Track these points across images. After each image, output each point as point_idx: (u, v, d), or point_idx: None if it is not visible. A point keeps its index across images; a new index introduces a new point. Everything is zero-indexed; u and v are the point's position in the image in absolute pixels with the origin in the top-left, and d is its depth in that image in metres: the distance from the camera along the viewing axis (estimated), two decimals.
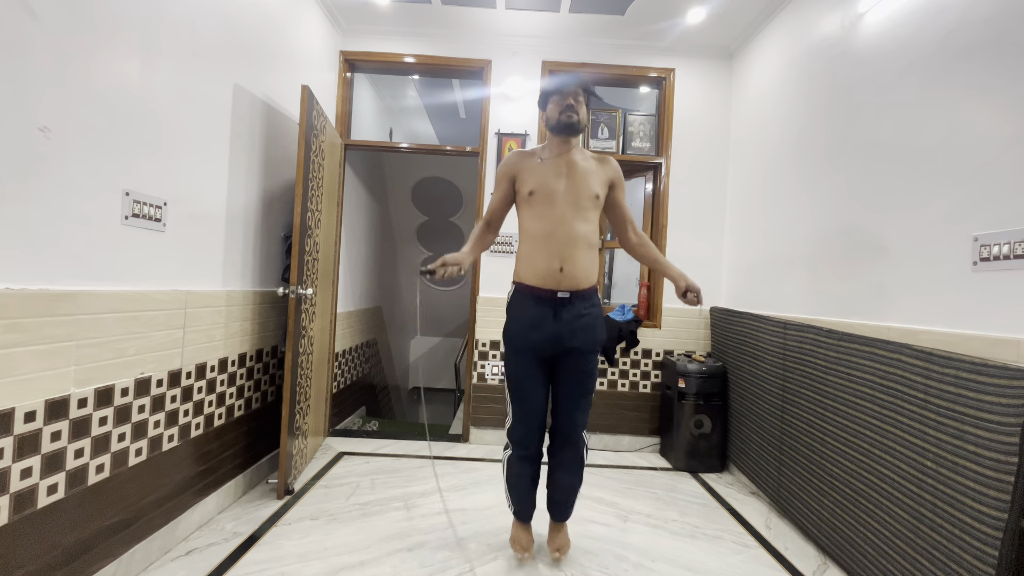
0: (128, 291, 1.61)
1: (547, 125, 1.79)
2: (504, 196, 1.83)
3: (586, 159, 1.79)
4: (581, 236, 1.71)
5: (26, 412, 1.30)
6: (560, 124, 1.73)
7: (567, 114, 1.72)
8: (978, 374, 1.35)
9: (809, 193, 2.42)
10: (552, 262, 1.70)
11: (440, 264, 1.58)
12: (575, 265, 1.71)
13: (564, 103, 1.73)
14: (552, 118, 1.75)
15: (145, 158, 1.66)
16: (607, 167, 1.82)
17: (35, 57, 1.28)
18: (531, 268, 1.74)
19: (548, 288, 1.72)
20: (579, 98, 1.74)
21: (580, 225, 1.71)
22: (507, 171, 1.81)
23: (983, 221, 1.50)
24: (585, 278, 1.73)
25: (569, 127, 1.73)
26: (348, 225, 3.85)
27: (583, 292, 1.74)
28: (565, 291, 1.71)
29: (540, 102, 1.83)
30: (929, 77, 1.75)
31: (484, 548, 1.97)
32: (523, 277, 1.77)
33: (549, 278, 1.71)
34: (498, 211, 1.85)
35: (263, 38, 2.38)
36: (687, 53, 3.35)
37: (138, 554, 1.70)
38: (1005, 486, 1.26)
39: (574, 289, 1.72)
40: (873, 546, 1.74)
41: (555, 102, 1.75)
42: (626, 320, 3.20)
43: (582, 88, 1.75)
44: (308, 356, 2.58)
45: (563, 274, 1.70)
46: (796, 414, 2.24)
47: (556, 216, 1.71)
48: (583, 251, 1.72)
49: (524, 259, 1.77)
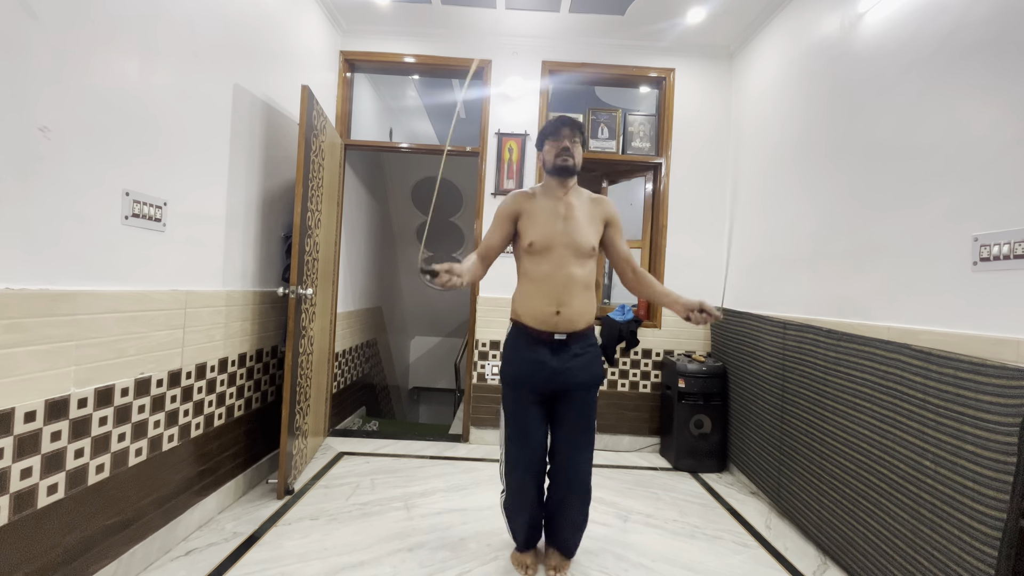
0: (128, 291, 1.61)
1: (544, 167, 1.84)
2: (504, 236, 1.83)
3: (582, 201, 1.82)
4: (578, 280, 1.74)
5: (26, 412, 1.30)
6: (556, 167, 1.78)
7: (563, 158, 1.76)
8: (977, 374, 1.36)
9: (809, 193, 2.42)
10: (548, 305, 1.72)
11: (446, 270, 1.51)
12: (571, 308, 1.73)
13: (560, 146, 1.77)
14: (549, 161, 1.80)
15: (145, 158, 1.66)
16: (602, 208, 1.84)
17: (35, 57, 1.28)
18: (528, 310, 1.76)
19: (545, 330, 1.74)
20: (574, 139, 1.78)
21: (576, 270, 1.74)
22: (509, 212, 1.81)
23: (983, 221, 1.50)
24: (581, 320, 1.76)
25: (564, 170, 1.77)
26: (348, 225, 3.85)
27: (580, 333, 1.77)
28: (562, 333, 1.74)
29: (537, 143, 1.88)
30: (929, 77, 1.74)
31: (484, 548, 1.98)
32: (520, 316, 1.79)
33: (546, 321, 1.73)
34: (494, 249, 1.83)
35: (263, 38, 2.38)
36: (687, 53, 3.35)
37: (138, 554, 1.70)
38: (1004, 486, 1.26)
39: (570, 331, 1.75)
40: (873, 546, 1.74)
41: (551, 145, 1.79)
42: (626, 320, 3.20)
43: (576, 129, 1.79)
44: (308, 356, 2.58)
45: (560, 317, 1.73)
46: (796, 414, 2.25)
47: (554, 261, 1.74)
48: (580, 293, 1.75)
49: (521, 300, 1.79)
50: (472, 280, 1.71)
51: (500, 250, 1.84)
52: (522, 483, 1.79)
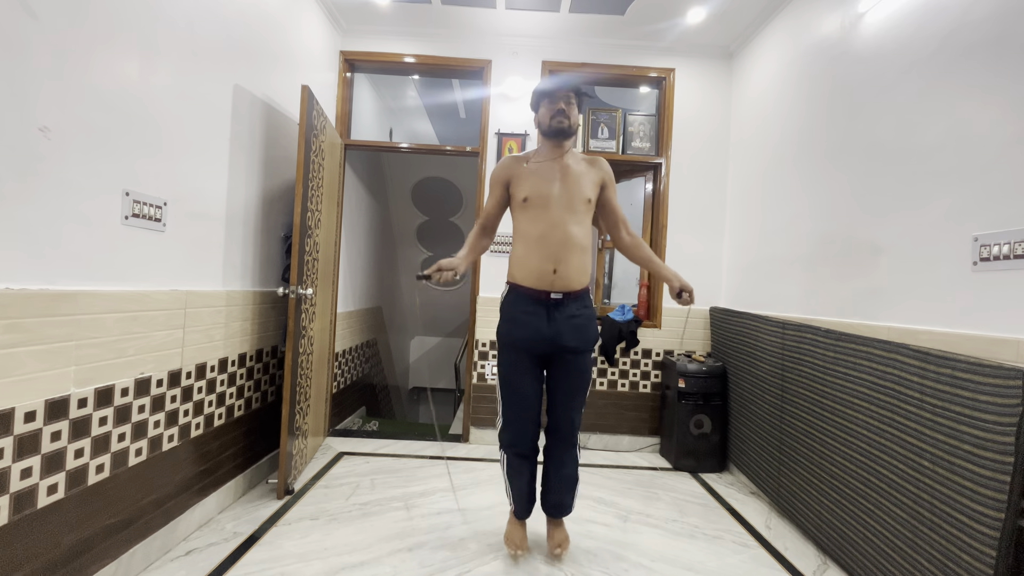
0: (128, 291, 1.61)
1: (539, 129, 1.81)
2: (499, 201, 1.85)
3: (577, 162, 1.81)
4: (574, 238, 1.73)
5: (26, 412, 1.30)
6: (551, 129, 1.75)
7: (557, 119, 1.73)
8: (974, 374, 1.36)
9: (809, 193, 2.42)
10: (546, 264, 1.72)
11: (436, 269, 1.61)
12: (568, 267, 1.73)
13: (555, 108, 1.74)
14: (543, 123, 1.77)
15: (145, 158, 1.66)
16: (598, 168, 1.83)
17: (34, 57, 1.29)
18: (525, 269, 1.76)
19: (542, 289, 1.74)
20: (571, 101, 1.75)
21: (573, 228, 1.73)
22: (501, 176, 1.83)
23: (983, 221, 1.50)
24: (578, 280, 1.75)
25: (560, 132, 1.74)
26: (348, 225, 3.85)
27: (576, 293, 1.76)
28: (558, 292, 1.73)
29: (532, 104, 1.84)
30: (929, 77, 1.75)
31: (484, 548, 1.98)
32: (517, 278, 1.79)
33: (543, 279, 1.73)
34: (493, 215, 1.86)
35: (263, 38, 2.38)
36: (687, 53, 3.35)
37: (138, 554, 1.70)
38: (1002, 486, 1.27)
39: (567, 290, 1.74)
40: (873, 546, 1.74)
41: (546, 106, 1.76)
42: (626, 320, 3.20)
43: (573, 91, 1.75)
44: (308, 356, 2.58)
45: (556, 276, 1.72)
46: (795, 414, 2.25)
47: (550, 219, 1.73)
48: (576, 253, 1.74)
49: (518, 260, 1.79)
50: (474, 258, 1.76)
51: (499, 215, 1.87)
52: (518, 437, 1.82)
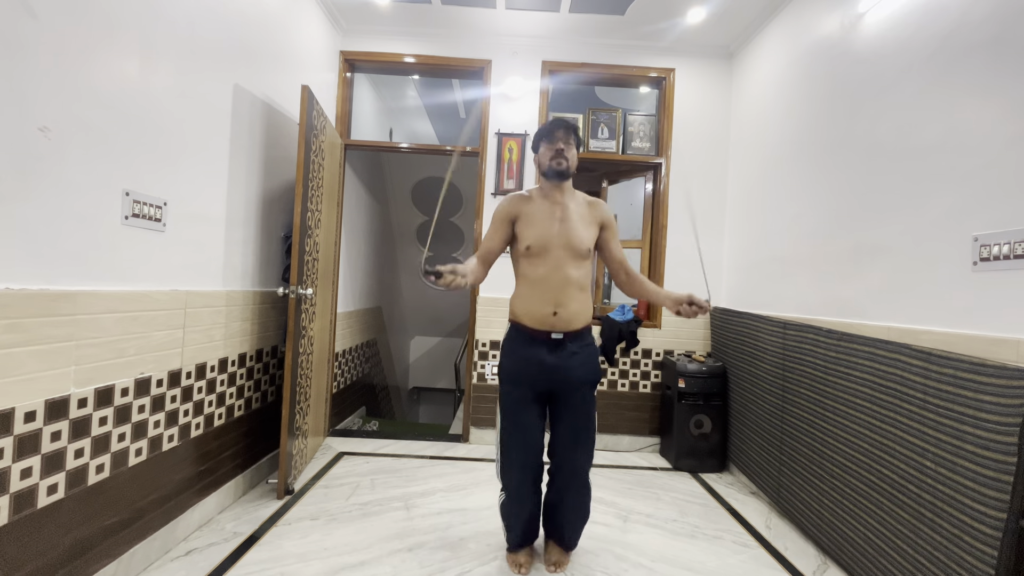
0: (128, 291, 1.61)
1: (539, 170, 1.85)
2: (503, 238, 1.85)
3: (578, 204, 1.84)
4: (574, 281, 1.76)
5: (26, 412, 1.30)
6: (551, 171, 1.80)
7: (557, 160, 1.78)
8: (977, 374, 1.36)
9: (809, 193, 2.42)
10: (546, 306, 1.75)
11: (450, 271, 1.51)
12: (568, 309, 1.75)
13: (554, 149, 1.78)
14: (544, 164, 1.81)
15: (145, 158, 1.66)
16: (597, 211, 1.87)
17: (34, 57, 1.28)
18: (526, 310, 1.78)
19: (542, 330, 1.76)
20: (569, 141, 1.79)
21: (573, 271, 1.76)
22: (507, 214, 1.84)
23: (983, 221, 1.50)
24: (578, 320, 1.78)
25: (559, 173, 1.79)
26: (348, 225, 3.85)
27: (577, 332, 1.79)
28: (559, 332, 1.76)
29: (532, 146, 1.89)
30: (929, 77, 1.74)
31: (484, 548, 1.97)
32: (518, 316, 1.81)
33: (543, 321, 1.75)
34: (494, 252, 1.86)
35: (263, 38, 2.38)
36: (687, 53, 3.35)
37: (138, 554, 1.70)
38: (1004, 486, 1.27)
39: (567, 330, 1.77)
40: (873, 546, 1.74)
41: (545, 147, 1.81)
42: (626, 320, 3.20)
43: (570, 132, 1.81)
44: (308, 356, 2.58)
45: (557, 317, 1.75)
46: (796, 414, 2.24)
47: (550, 263, 1.76)
48: (576, 294, 1.77)
49: (519, 301, 1.81)
50: (474, 282, 1.73)
51: (499, 252, 1.86)
52: (520, 482, 1.80)
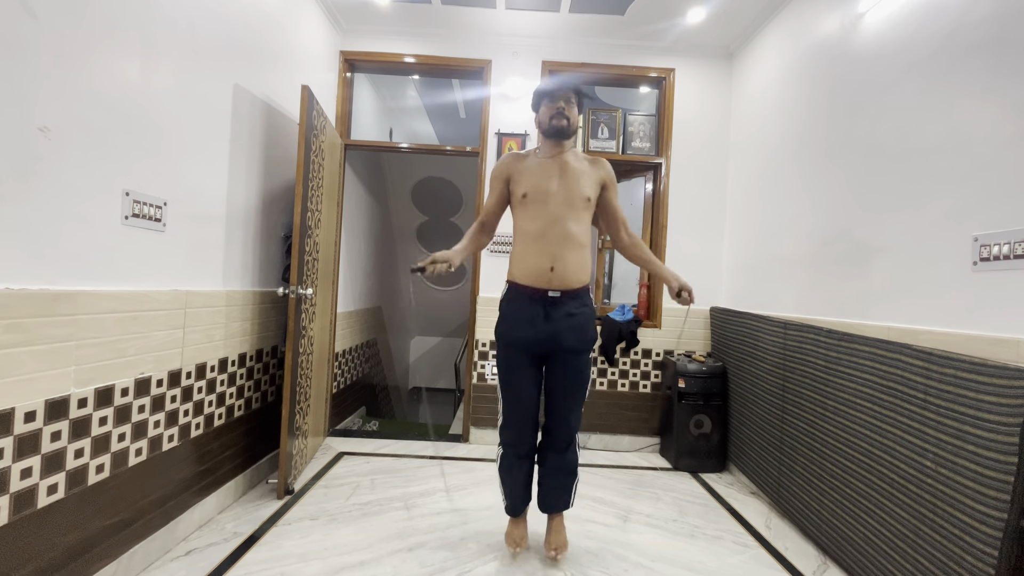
0: (128, 291, 1.61)
1: (539, 129, 1.82)
2: (499, 197, 1.85)
3: (579, 160, 1.81)
4: (572, 236, 1.74)
5: (26, 412, 1.30)
6: (551, 128, 1.76)
7: (557, 119, 1.74)
8: (978, 374, 1.35)
9: (809, 193, 2.42)
10: (543, 261, 1.72)
11: (430, 261, 1.61)
12: (566, 265, 1.73)
13: (555, 107, 1.75)
14: (543, 122, 1.78)
15: (145, 158, 1.66)
16: (599, 168, 1.84)
17: (34, 57, 1.28)
18: (523, 267, 1.76)
19: (539, 287, 1.74)
20: (570, 101, 1.76)
21: (572, 225, 1.74)
22: (501, 172, 1.84)
23: (983, 221, 1.50)
24: (576, 278, 1.75)
25: (559, 132, 1.75)
26: (348, 225, 3.85)
27: (574, 292, 1.76)
28: (556, 290, 1.74)
29: (533, 104, 1.85)
30: (929, 77, 1.74)
31: (484, 548, 1.97)
32: (515, 276, 1.80)
33: (540, 277, 1.73)
34: (493, 212, 1.87)
35: (263, 38, 2.38)
36: (687, 53, 3.35)
37: (138, 554, 1.70)
38: (1005, 486, 1.26)
39: (565, 288, 1.74)
40: (873, 546, 1.74)
41: (546, 106, 1.78)
42: (626, 320, 3.20)
43: (573, 91, 1.77)
44: (308, 356, 2.58)
45: (554, 273, 1.72)
46: (796, 414, 2.24)
47: (548, 216, 1.73)
48: (574, 251, 1.74)
49: (517, 258, 1.80)
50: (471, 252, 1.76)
51: (498, 212, 1.87)
52: (517, 438, 1.84)
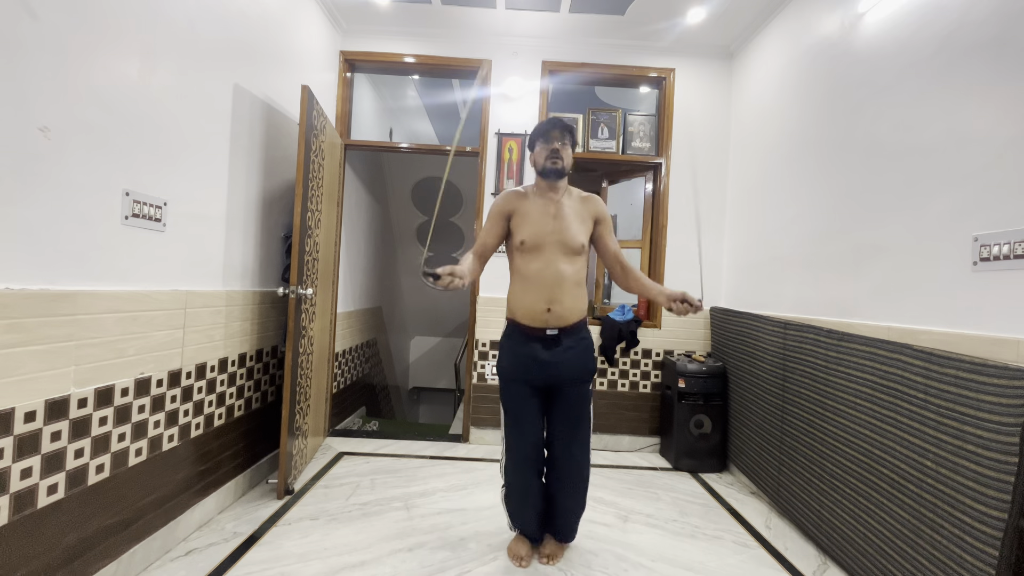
0: (128, 291, 1.61)
1: (535, 169, 1.86)
2: (498, 233, 1.87)
3: (572, 200, 1.86)
4: (567, 277, 1.78)
5: (26, 412, 1.30)
6: (547, 170, 1.81)
7: (552, 160, 1.80)
8: (978, 374, 1.35)
9: (809, 193, 2.42)
10: (540, 303, 1.77)
11: (448, 272, 1.52)
12: (562, 305, 1.77)
13: (549, 148, 1.80)
14: (539, 163, 1.83)
15: (145, 158, 1.66)
16: (591, 206, 1.88)
17: (35, 57, 1.28)
18: (520, 307, 1.81)
19: (537, 327, 1.78)
20: (564, 142, 1.81)
21: (566, 267, 1.78)
22: (502, 210, 1.86)
23: (983, 221, 1.50)
24: (572, 315, 1.79)
25: (554, 172, 1.81)
26: (348, 225, 3.85)
27: (571, 327, 1.80)
28: (553, 329, 1.78)
29: (529, 144, 1.91)
30: (929, 77, 1.74)
31: (484, 548, 1.97)
32: (514, 314, 1.84)
33: (537, 318, 1.78)
34: (489, 247, 1.88)
35: (263, 38, 2.38)
36: (687, 53, 3.35)
37: (138, 554, 1.70)
38: (1005, 486, 1.26)
39: (561, 326, 1.78)
40: (873, 546, 1.74)
41: (541, 146, 1.83)
42: (626, 320, 3.20)
43: (567, 132, 1.82)
44: (308, 356, 2.57)
45: (550, 314, 1.77)
46: (796, 414, 2.24)
47: (544, 260, 1.78)
48: (569, 290, 1.78)
49: (515, 298, 1.83)
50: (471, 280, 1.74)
51: (495, 248, 1.89)
52: (520, 474, 1.85)
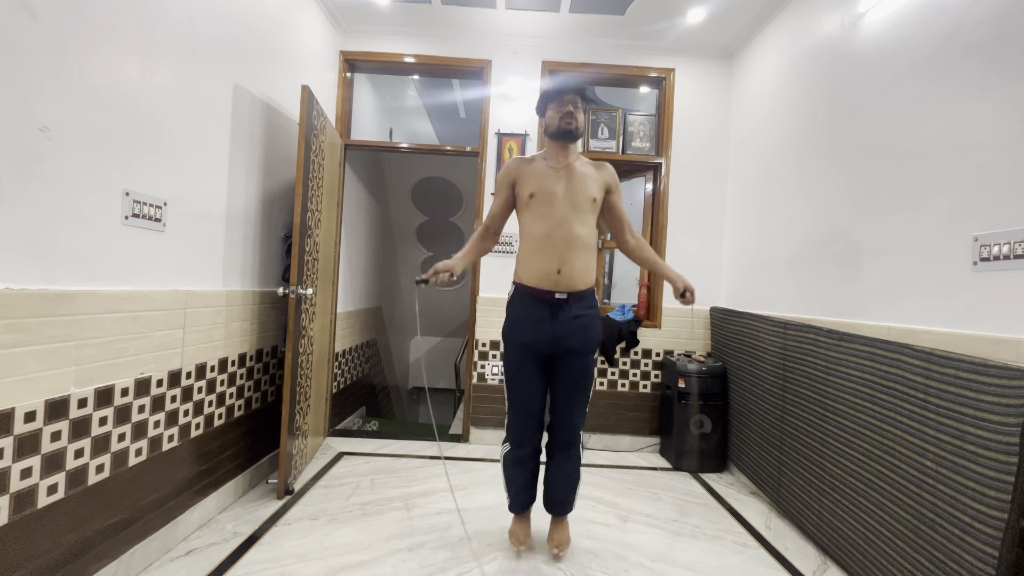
0: (128, 291, 1.61)
1: (546, 132, 1.82)
2: (505, 201, 1.86)
3: (584, 165, 1.83)
4: (578, 238, 1.74)
5: (26, 412, 1.30)
6: (560, 131, 1.77)
7: (566, 120, 1.75)
8: (978, 374, 1.35)
9: (809, 193, 2.42)
10: (550, 264, 1.73)
11: (432, 273, 1.66)
12: (572, 267, 1.74)
13: (563, 110, 1.76)
14: (552, 125, 1.78)
15: (145, 158, 1.66)
16: (604, 172, 1.86)
17: (35, 57, 1.28)
18: (530, 270, 1.77)
19: (546, 289, 1.75)
20: (578, 104, 1.77)
21: (578, 228, 1.75)
22: (508, 177, 1.85)
23: (983, 221, 1.50)
24: (582, 280, 1.76)
25: (568, 134, 1.76)
26: (348, 225, 3.85)
27: (580, 294, 1.77)
28: (562, 292, 1.75)
29: (538, 108, 1.85)
30: (929, 77, 1.74)
31: (484, 548, 1.97)
32: (522, 278, 1.81)
33: (547, 279, 1.74)
34: (498, 216, 1.88)
35: (263, 38, 2.38)
36: (687, 53, 3.35)
37: (138, 554, 1.70)
38: (1005, 486, 1.26)
39: (571, 290, 1.76)
40: (873, 546, 1.74)
41: (554, 108, 1.78)
42: (626, 320, 3.20)
43: (580, 94, 1.77)
44: (308, 356, 2.57)
45: (560, 276, 1.74)
46: (796, 414, 2.24)
47: (555, 218, 1.74)
48: (580, 253, 1.75)
49: (523, 260, 1.80)
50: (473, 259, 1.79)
51: (503, 217, 1.88)
52: (522, 436, 1.87)
